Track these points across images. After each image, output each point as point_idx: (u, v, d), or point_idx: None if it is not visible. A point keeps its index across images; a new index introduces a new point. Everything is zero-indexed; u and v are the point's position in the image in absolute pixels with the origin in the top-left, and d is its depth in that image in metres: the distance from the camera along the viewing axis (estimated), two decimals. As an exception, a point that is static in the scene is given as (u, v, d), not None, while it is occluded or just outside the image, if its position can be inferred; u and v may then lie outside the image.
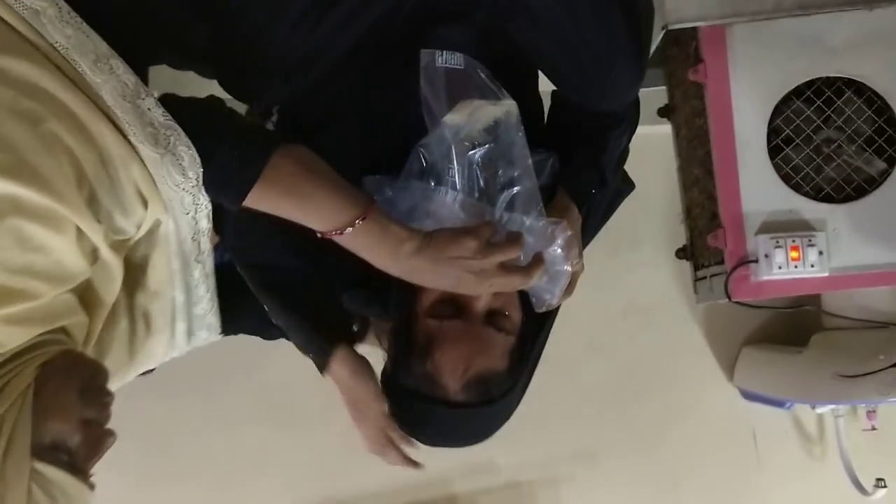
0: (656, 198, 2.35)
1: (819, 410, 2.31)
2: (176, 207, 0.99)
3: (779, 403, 2.28)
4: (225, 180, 0.97)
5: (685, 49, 1.84)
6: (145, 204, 0.96)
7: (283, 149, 0.96)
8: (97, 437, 0.92)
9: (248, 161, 0.96)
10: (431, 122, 1.10)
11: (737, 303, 1.66)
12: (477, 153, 1.11)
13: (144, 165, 0.94)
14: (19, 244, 0.87)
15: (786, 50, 1.71)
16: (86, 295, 1.01)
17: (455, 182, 1.10)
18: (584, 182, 1.26)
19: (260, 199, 0.97)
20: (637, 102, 1.35)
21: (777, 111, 1.70)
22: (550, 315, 1.23)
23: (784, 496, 2.38)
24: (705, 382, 2.42)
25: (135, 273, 1.05)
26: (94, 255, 0.97)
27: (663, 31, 1.77)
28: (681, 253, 1.96)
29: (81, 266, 0.94)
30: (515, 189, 1.12)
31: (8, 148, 0.86)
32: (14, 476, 0.83)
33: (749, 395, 2.35)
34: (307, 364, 2.19)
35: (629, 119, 1.34)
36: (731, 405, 2.40)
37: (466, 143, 1.11)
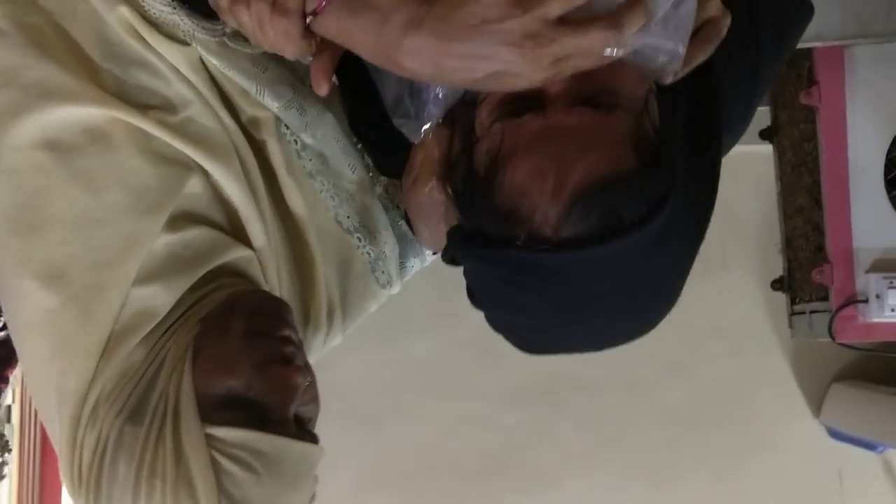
0: (751, 220, 2.24)
1: (913, 457, 2.18)
2: (195, 32, 0.75)
3: (869, 446, 2.15)
4: None
5: (797, 69, 1.73)
6: (151, 48, 0.75)
7: None
8: (283, 378, 0.73)
9: None
10: None
11: (841, 345, 1.56)
12: None
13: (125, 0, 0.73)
14: (86, 188, 0.73)
15: (909, 75, 1.60)
16: (235, 224, 0.82)
17: None
18: None
19: None
20: None
21: (897, 141, 1.59)
22: (715, 79, 0.74)
23: (869, 542, 2.26)
24: (790, 416, 2.30)
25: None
26: (181, 157, 0.77)
27: (776, 50, 1.67)
28: (777, 284, 1.86)
29: (169, 175, 0.76)
30: None
31: (4, 81, 0.72)
32: (193, 452, 0.70)
33: (837, 434, 2.23)
34: (379, 367, 2.18)
35: None
36: (817, 442, 2.28)
37: None
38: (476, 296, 0.74)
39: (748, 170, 2.15)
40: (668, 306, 0.72)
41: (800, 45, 1.64)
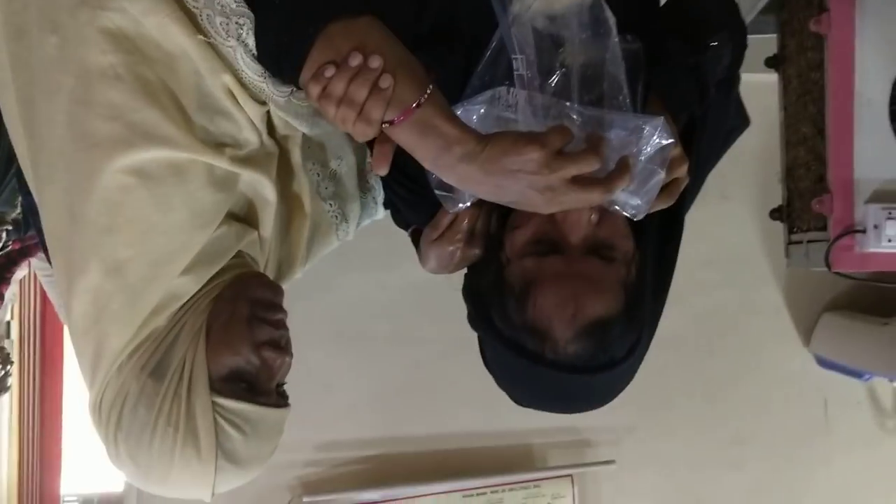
0: (751, 150, 2.21)
1: (898, 384, 2.24)
2: (273, 95, 0.95)
3: (856, 374, 2.20)
4: (276, 60, 0.89)
5: (808, -5, 1.70)
6: (240, 106, 0.95)
7: (335, 23, 0.82)
8: (273, 360, 0.96)
9: (296, 38, 0.84)
10: (501, 13, 0.90)
11: (836, 273, 1.57)
12: (545, 39, 0.90)
13: (228, 69, 0.92)
14: (158, 208, 0.91)
15: (921, 4, 1.58)
16: (248, 212, 1.04)
17: (522, 77, 0.89)
18: (681, 88, 1.02)
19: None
20: (742, 23, 1.15)
21: (904, 71, 1.58)
22: (672, 243, 1.05)
23: (849, 464, 2.33)
24: (780, 344, 2.35)
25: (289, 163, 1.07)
26: (232, 179, 0.97)
27: (788, -25, 1.65)
28: (776, 213, 1.87)
29: (221, 199, 0.96)
30: (594, 78, 0.91)
31: (113, 115, 0.88)
32: (201, 413, 0.91)
33: (825, 363, 2.28)
34: (379, 289, 2.19)
35: (733, 31, 1.11)
36: (805, 370, 2.33)
37: (533, 29, 0.90)
38: (490, 365, 1.02)
39: (752, 99, 2.12)
40: (618, 393, 1.02)
41: (812, -28, 1.61)
